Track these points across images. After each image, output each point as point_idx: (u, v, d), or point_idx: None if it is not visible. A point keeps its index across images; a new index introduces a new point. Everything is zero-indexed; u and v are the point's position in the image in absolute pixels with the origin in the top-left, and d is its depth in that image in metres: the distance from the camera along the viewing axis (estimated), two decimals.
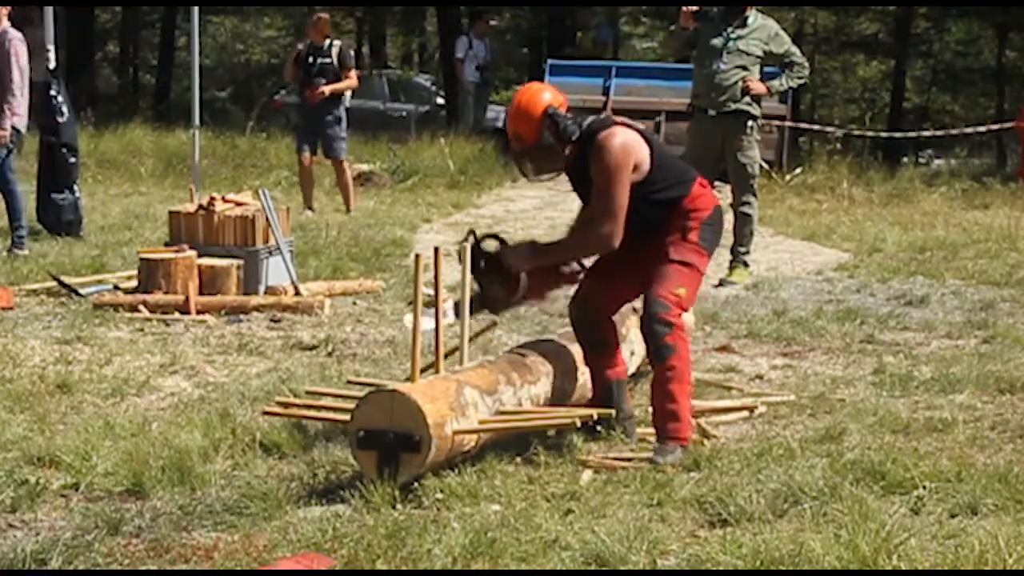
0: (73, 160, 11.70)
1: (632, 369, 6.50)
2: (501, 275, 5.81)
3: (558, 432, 5.68)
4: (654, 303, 5.63)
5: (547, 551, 4.46)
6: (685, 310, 5.75)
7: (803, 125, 21.79)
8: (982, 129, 23.28)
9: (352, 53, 13.71)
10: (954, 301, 9.62)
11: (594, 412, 5.43)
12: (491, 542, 4.47)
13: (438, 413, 5.02)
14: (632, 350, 6.42)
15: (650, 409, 6.36)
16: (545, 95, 5.73)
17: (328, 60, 13.58)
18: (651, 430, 6.04)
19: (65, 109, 11.71)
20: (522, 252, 5.86)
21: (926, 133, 24.24)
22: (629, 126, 5.76)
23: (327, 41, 13.66)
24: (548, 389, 5.81)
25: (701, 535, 4.70)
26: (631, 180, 5.63)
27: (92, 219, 12.35)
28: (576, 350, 6.03)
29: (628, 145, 5.64)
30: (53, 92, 11.68)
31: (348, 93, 13.92)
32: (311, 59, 13.58)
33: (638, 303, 5.93)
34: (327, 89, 13.47)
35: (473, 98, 22.26)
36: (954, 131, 23.61)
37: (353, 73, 13.72)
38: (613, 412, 5.66)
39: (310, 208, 13.96)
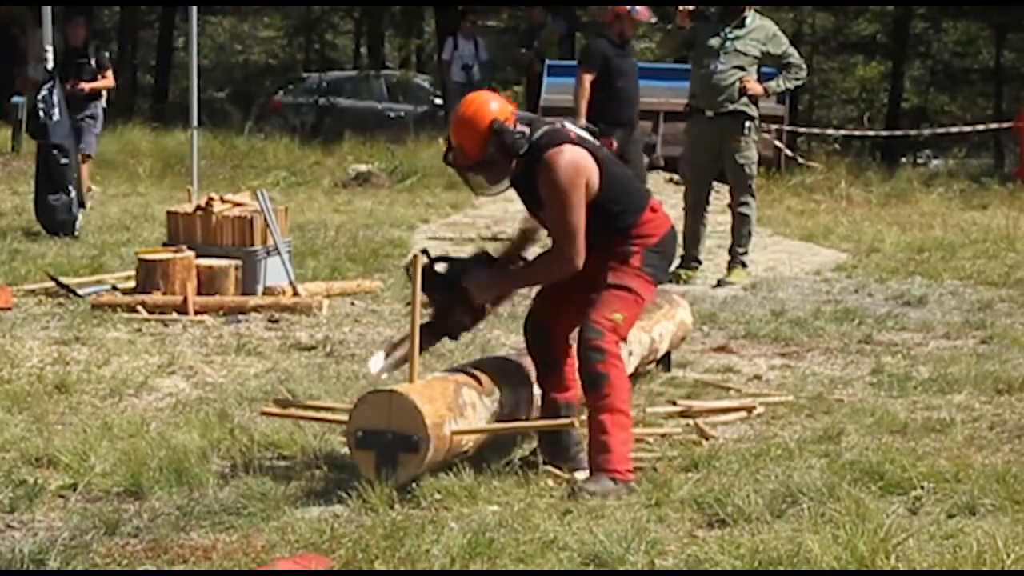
0: (66, 161, 11.66)
1: (630, 370, 6.50)
2: (463, 301, 5.52)
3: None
4: (587, 329, 5.30)
5: (545, 551, 4.46)
6: (622, 337, 5.39)
7: (802, 129, 21.77)
8: (980, 128, 23.29)
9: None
10: (952, 301, 9.63)
11: None
12: (489, 542, 4.47)
13: (436, 414, 5.02)
14: (630, 351, 6.40)
15: (648, 410, 6.38)
16: (492, 105, 5.38)
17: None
18: (650, 431, 6.05)
19: (57, 111, 11.68)
20: (483, 283, 5.54)
21: (926, 132, 24.27)
22: (581, 142, 5.43)
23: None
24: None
25: (699, 535, 4.70)
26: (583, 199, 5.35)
27: (90, 219, 12.35)
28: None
29: (577, 163, 5.31)
30: (44, 93, 11.66)
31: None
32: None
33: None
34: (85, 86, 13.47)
35: (460, 97, 22.24)
36: (953, 129, 23.62)
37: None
38: None
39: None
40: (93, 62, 13.54)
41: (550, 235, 5.49)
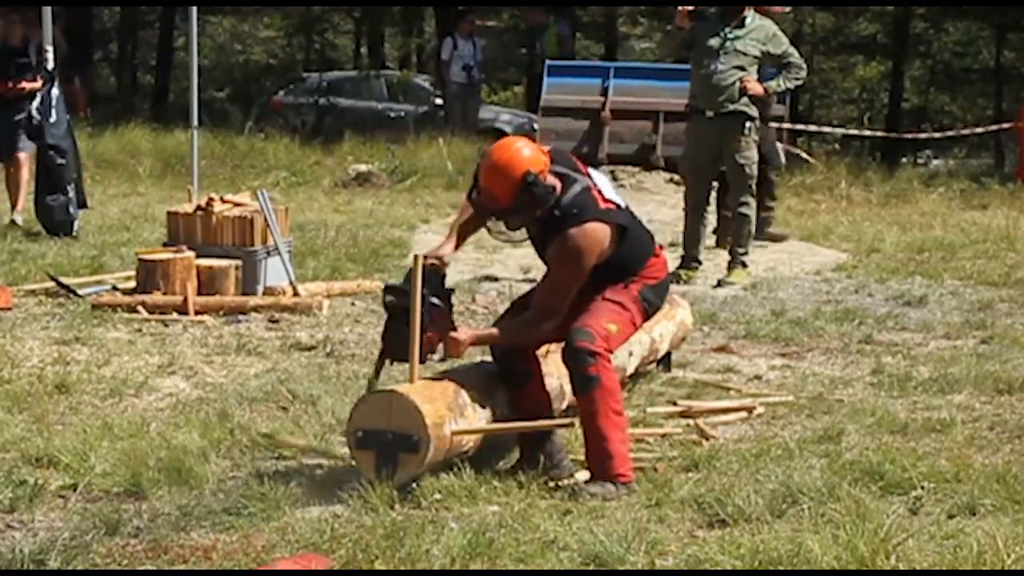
0: (62, 162, 11.62)
1: (630, 370, 6.51)
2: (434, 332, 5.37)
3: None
4: (578, 332, 5.22)
5: (545, 551, 4.46)
6: (611, 350, 5.29)
7: (800, 127, 21.78)
8: (979, 130, 23.28)
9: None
10: (952, 301, 9.63)
11: None
12: (489, 542, 4.48)
13: (436, 414, 5.02)
14: (631, 351, 6.40)
15: (648, 410, 6.38)
16: (525, 154, 5.25)
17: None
18: (650, 431, 6.05)
19: (55, 111, 11.66)
20: (458, 340, 5.40)
21: (922, 136, 24.26)
22: (606, 213, 5.31)
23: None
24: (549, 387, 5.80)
25: (699, 535, 4.70)
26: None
27: (90, 219, 12.34)
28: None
29: (595, 244, 5.25)
30: (43, 93, 11.64)
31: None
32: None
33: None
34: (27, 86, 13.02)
35: (460, 98, 22.32)
36: (951, 132, 23.61)
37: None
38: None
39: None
40: (34, 62, 13.40)
41: (538, 290, 5.45)
